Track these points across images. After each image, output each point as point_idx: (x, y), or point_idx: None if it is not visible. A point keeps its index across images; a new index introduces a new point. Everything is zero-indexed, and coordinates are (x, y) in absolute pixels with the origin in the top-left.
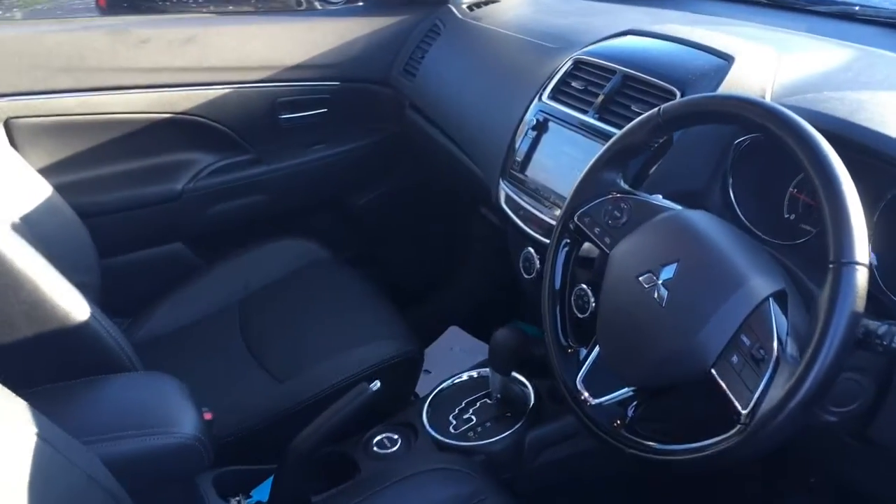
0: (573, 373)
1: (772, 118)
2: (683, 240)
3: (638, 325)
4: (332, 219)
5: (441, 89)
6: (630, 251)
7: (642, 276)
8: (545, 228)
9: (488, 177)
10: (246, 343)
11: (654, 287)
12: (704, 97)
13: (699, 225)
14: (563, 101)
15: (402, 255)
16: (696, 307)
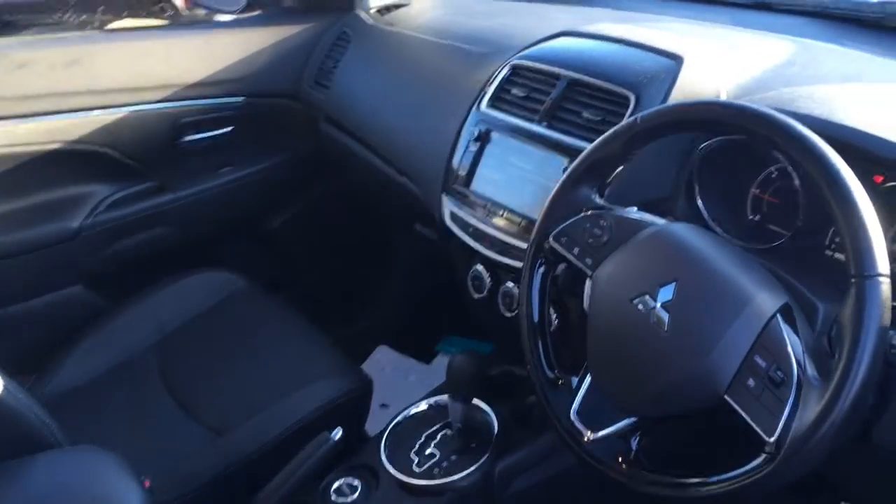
0: (566, 406)
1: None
2: (678, 257)
3: (637, 352)
4: (247, 245)
5: (360, 101)
6: (619, 272)
7: (637, 299)
8: (498, 246)
9: (426, 193)
10: (170, 393)
11: (653, 311)
12: (690, 105)
13: (691, 240)
14: (504, 110)
15: (325, 276)
16: (703, 329)
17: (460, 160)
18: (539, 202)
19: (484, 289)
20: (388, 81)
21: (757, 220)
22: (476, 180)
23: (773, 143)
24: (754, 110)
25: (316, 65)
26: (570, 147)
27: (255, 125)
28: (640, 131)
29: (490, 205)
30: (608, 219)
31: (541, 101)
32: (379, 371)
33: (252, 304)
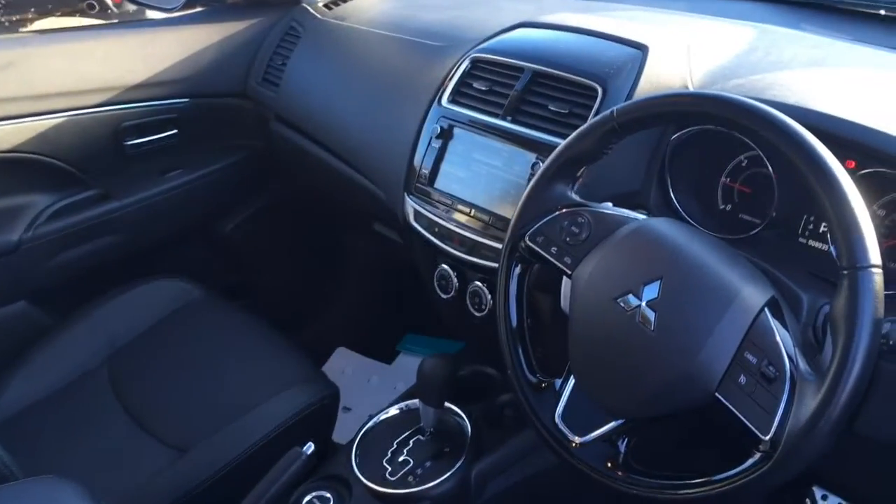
0: (550, 411)
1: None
2: (662, 253)
3: (624, 353)
4: (199, 250)
5: (312, 99)
6: (600, 270)
7: (621, 298)
8: (467, 244)
9: (388, 192)
10: (126, 411)
11: (638, 309)
12: (667, 96)
13: (674, 235)
14: (466, 105)
15: (281, 280)
16: (691, 327)
17: (422, 157)
18: (508, 198)
19: (451, 289)
20: (342, 78)
21: (728, 209)
22: (440, 178)
23: (758, 134)
24: (740, 102)
25: (264, 62)
26: (537, 142)
27: (201, 126)
28: (617, 125)
29: (455, 202)
30: (585, 216)
31: (504, 94)
32: (339, 374)
33: (208, 313)
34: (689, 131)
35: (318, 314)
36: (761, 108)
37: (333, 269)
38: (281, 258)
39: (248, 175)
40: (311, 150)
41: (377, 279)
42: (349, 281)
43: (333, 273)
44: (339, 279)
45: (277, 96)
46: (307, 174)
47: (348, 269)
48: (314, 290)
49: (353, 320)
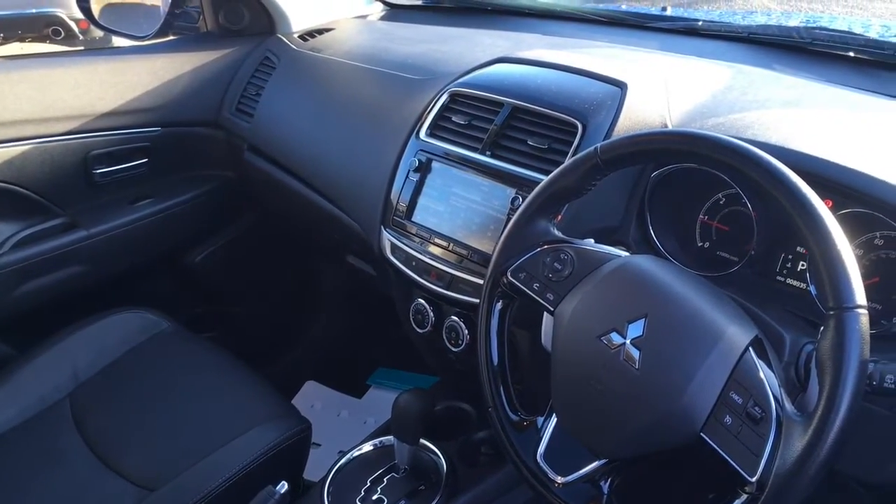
0: (532, 450)
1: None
2: (647, 291)
3: (607, 392)
4: (167, 281)
5: (288, 130)
6: (584, 308)
7: (605, 336)
8: (446, 280)
9: (364, 225)
10: (91, 447)
11: (622, 347)
12: (654, 134)
13: (658, 273)
14: (445, 139)
15: (250, 311)
16: (677, 365)
17: (400, 191)
18: (487, 233)
19: (427, 323)
20: (318, 109)
21: (706, 247)
22: (417, 211)
23: (743, 173)
24: (728, 143)
25: (237, 92)
26: (516, 177)
27: (173, 155)
28: (601, 162)
29: (433, 236)
30: (568, 252)
31: (483, 129)
32: (308, 408)
33: (175, 346)
34: (669, 169)
35: (287, 347)
36: (749, 149)
37: (304, 302)
38: (251, 290)
39: (220, 205)
40: (285, 180)
41: (348, 312)
42: (320, 313)
43: (304, 305)
44: (309, 311)
45: (251, 126)
46: (280, 205)
47: (319, 301)
48: (284, 323)
49: (324, 353)
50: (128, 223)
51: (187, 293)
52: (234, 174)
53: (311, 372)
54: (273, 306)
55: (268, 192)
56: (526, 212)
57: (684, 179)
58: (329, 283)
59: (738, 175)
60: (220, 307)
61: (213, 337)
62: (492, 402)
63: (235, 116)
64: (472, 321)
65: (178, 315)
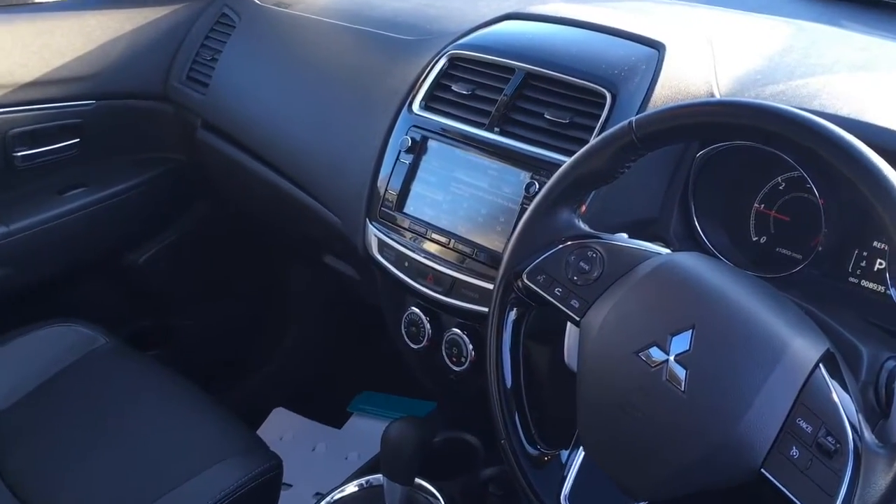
0: (554, 490)
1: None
2: (693, 296)
3: (647, 419)
4: (104, 287)
5: (250, 102)
6: (618, 317)
7: (644, 351)
8: (445, 284)
9: (344, 218)
10: (13, 491)
11: (665, 365)
12: (700, 105)
13: (707, 274)
14: (443, 112)
15: (205, 324)
16: (731, 387)
17: (388, 176)
18: (496, 227)
19: (423, 337)
20: (288, 78)
21: (763, 242)
22: (410, 201)
23: (810, 153)
24: (789, 114)
25: (189, 56)
26: (531, 158)
27: (110, 135)
28: (637, 140)
29: (430, 231)
30: (597, 249)
31: (490, 100)
32: (277, 441)
33: (116, 365)
34: (717, 148)
35: (251, 366)
36: (818, 122)
37: (271, 312)
38: (206, 298)
39: (168, 195)
40: (248, 164)
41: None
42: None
43: (271, 316)
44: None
45: (206, 99)
46: (241, 194)
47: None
48: (247, 337)
49: (295, 374)
50: (55, 217)
51: (129, 302)
52: (185, 157)
53: (281, 397)
54: (233, 317)
55: (226, 178)
56: (544, 201)
57: (736, 160)
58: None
59: (803, 154)
60: (168, 319)
61: (160, 355)
62: (504, 432)
63: (186, 86)
64: (479, 334)
65: (117, 328)
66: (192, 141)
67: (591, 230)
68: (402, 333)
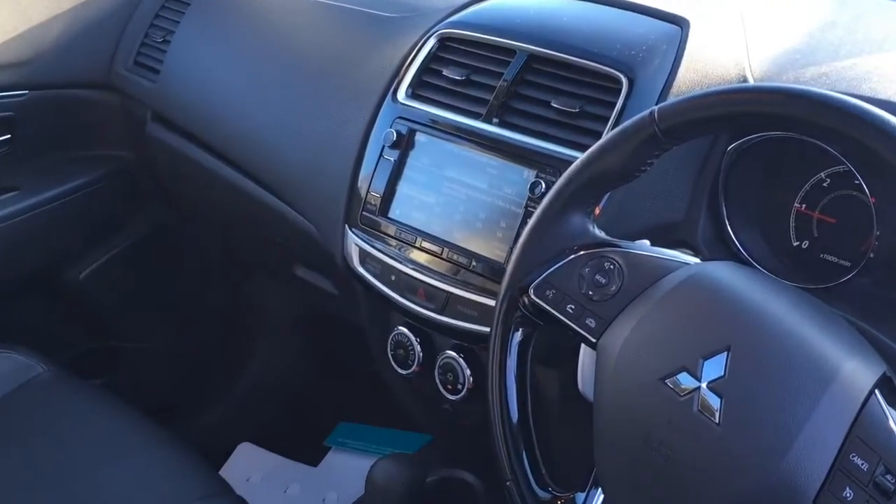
0: None
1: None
2: (727, 313)
3: (676, 456)
4: (41, 307)
5: (207, 91)
6: (641, 338)
7: (672, 378)
8: (438, 300)
9: (319, 225)
10: None
11: (696, 393)
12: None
13: (744, 287)
14: (433, 101)
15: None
16: (774, 418)
17: (371, 176)
18: (497, 234)
19: (413, 361)
20: (252, 61)
21: (805, 247)
22: (396, 205)
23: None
24: (835, 101)
25: (136, 38)
26: (537, 153)
27: (46, 130)
28: (660, 132)
29: (419, 239)
30: (615, 260)
31: (488, 86)
32: (243, 482)
33: (56, 396)
34: (752, 140)
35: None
36: (867, 109)
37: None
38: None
39: (114, 199)
40: (206, 163)
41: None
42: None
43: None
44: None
45: (156, 87)
46: (199, 197)
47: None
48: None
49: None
50: None
51: (70, 323)
52: (133, 155)
53: (247, 429)
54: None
55: (181, 178)
56: (553, 204)
57: (773, 154)
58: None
59: (850, 146)
60: (116, 342)
61: (108, 383)
62: (510, 472)
63: (134, 73)
64: (478, 358)
65: (58, 354)
66: (142, 136)
67: (607, 237)
68: (387, 357)
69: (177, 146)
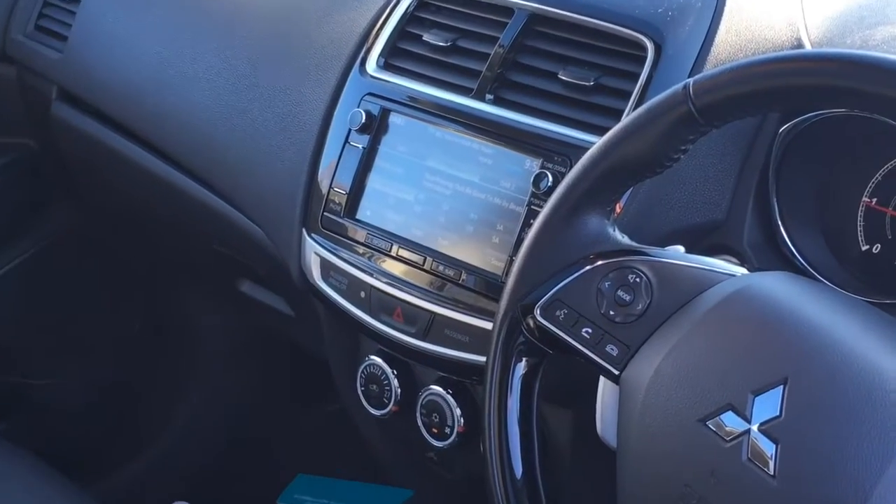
0: None
1: None
2: (785, 338)
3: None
4: None
5: (128, 63)
6: (676, 369)
7: (714, 419)
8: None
9: (269, 229)
10: None
11: (745, 438)
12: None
13: (801, 304)
14: (411, 73)
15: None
16: (843, 469)
17: (334, 168)
18: (492, 239)
19: (389, 399)
20: (185, 26)
21: (877, 252)
22: (367, 203)
23: None
24: None
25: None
26: (541, 136)
27: None
28: (696, 111)
29: (395, 246)
30: (641, 271)
31: (479, 54)
32: None
33: None
34: (807, 120)
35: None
36: None
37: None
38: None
39: (11, 197)
40: (126, 151)
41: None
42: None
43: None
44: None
45: (64, 58)
46: (117, 194)
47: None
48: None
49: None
50: None
51: None
52: (35, 142)
53: (180, 485)
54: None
55: (94, 171)
56: (564, 201)
57: (835, 137)
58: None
59: None
60: (15, 377)
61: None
62: None
63: (35, 41)
64: (471, 395)
65: None
66: (45, 119)
67: (631, 242)
68: (357, 393)
69: (89, 130)
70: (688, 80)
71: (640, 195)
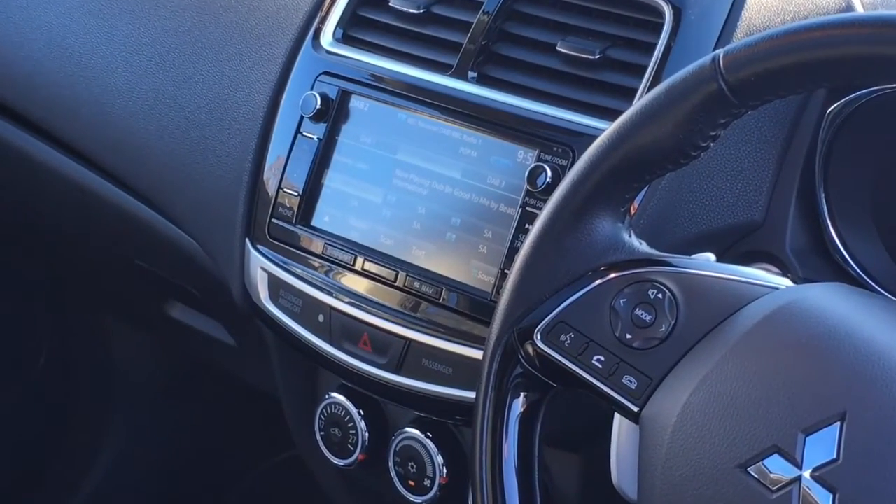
0: None
1: None
2: (841, 365)
3: None
4: None
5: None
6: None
7: (756, 465)
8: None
9: (206, 239)
10: None
11: (795, 487)
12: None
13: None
14: (375, 47)
15: None
16: None
17: (283, 164)
18: (479, 248)
19: (355, 445)
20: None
21: None
22: (324, 207)
23: None
24: None
25: None
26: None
27: None
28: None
29: (359, 259)
30: (663, 285)
31: (459, 22)
32: None
33: None
34: (861, 98)
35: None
36: None
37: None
38: None
39: None
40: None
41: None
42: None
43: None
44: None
45: None
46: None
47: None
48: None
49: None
50: None
51: None
52: None
53: None
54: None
55: None
56: (568, 201)
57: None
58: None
59: None
60: None
61: None
62: None
63: None
64: (455, 439)
65: None
66: None
67: (650, 250)
68: (315, 438)
69: None
70: (717, 52)
71: (660, 192)
